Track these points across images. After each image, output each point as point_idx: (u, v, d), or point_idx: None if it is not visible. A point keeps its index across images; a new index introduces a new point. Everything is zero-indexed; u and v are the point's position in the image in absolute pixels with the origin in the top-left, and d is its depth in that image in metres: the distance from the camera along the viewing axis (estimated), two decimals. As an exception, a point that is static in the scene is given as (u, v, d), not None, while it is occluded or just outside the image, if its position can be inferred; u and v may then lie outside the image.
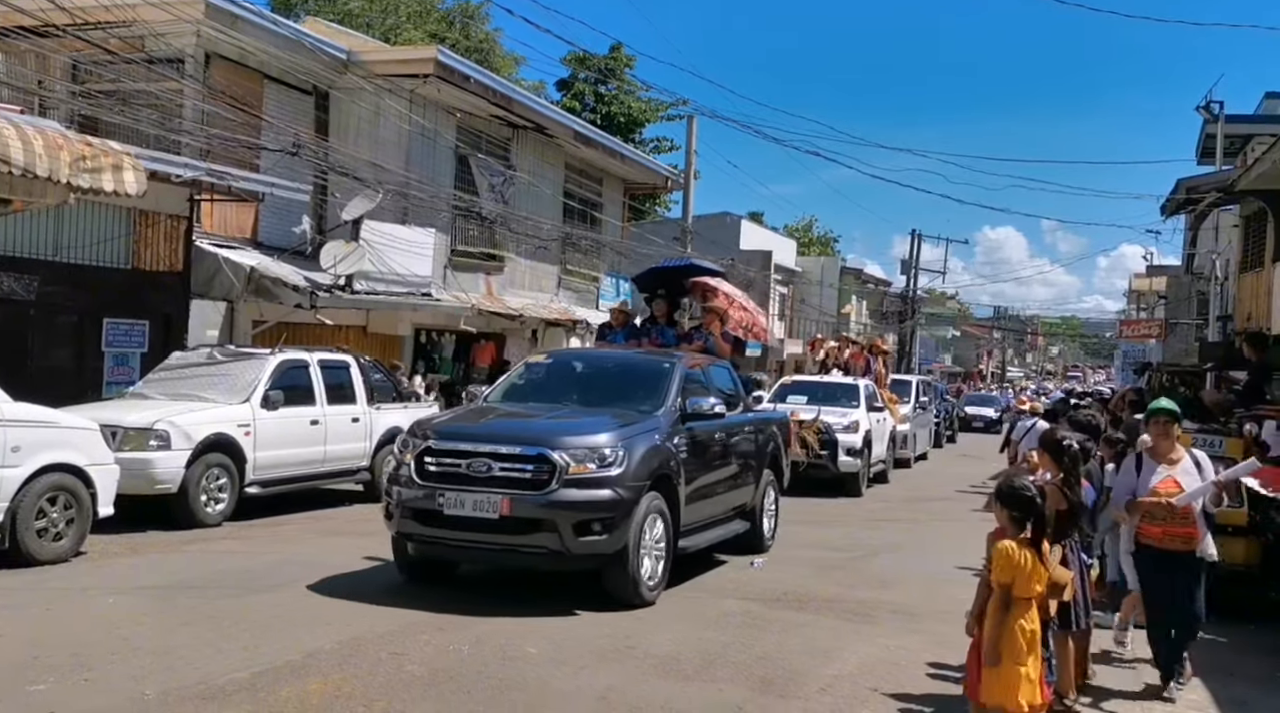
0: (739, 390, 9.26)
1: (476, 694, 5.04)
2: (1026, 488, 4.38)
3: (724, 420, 8.22)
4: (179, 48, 13.34)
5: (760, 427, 9.34)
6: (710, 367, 8.90)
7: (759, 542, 9.17)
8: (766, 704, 5.10)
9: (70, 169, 8.91)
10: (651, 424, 7.33)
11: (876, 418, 15.80)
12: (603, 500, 6.65)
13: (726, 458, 8.40)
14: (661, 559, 7.15)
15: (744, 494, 8.82)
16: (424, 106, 16.87)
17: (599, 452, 6.76)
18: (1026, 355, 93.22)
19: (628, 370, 8.60)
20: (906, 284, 43.50)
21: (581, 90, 35.35)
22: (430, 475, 6.88)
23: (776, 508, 9.66)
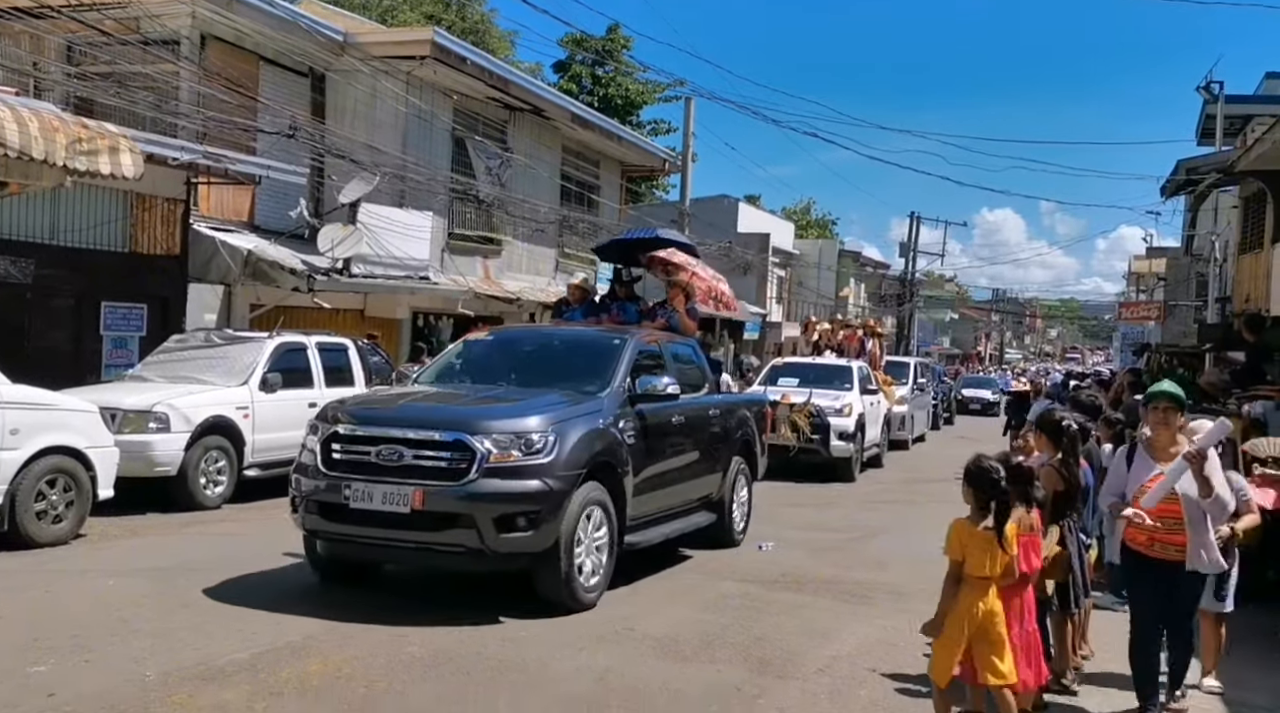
0: (704, 371, 8.66)
1: (476, 675, 5.07)
2: (993, 469, 4.38)
3: (683, 403, 7.62)
4: (174, 29, 13.26)
5: (729, 411, 8.71)
6: (671, 345, 8.23)
7: (727, 535, 8.57)
8: (765, 685, 5.13)
9: (67, 151, 8.87)
10: (593, 407, 6.68)
11: (870, 401, 15.45)
12: (529, 492, 5.97)
13: (686, 445, 7.74)
14: (603, 557, 6.50)
15: (708, 484, 8.22)
16: (420, 88, 16.79)
17: (525, 438, 6.08)
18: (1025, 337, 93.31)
19: (574, 349, 7.89)
20: (905, 266, 43.48)
21: (579, 72, 35.19)
22: (337, 465, 6.18)
23: (750, 499, 9.09)
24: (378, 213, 14.93)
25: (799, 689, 5.10)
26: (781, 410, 13.52)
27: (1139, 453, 4.88)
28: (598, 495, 6.43)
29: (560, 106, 20.59)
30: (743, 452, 8.88)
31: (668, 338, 8.33)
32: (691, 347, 8.68)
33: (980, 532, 4.30)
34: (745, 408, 9.21)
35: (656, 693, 4.95)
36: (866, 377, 15.99)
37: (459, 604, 6.33)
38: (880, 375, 17.47)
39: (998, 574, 4.32)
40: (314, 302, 13.80)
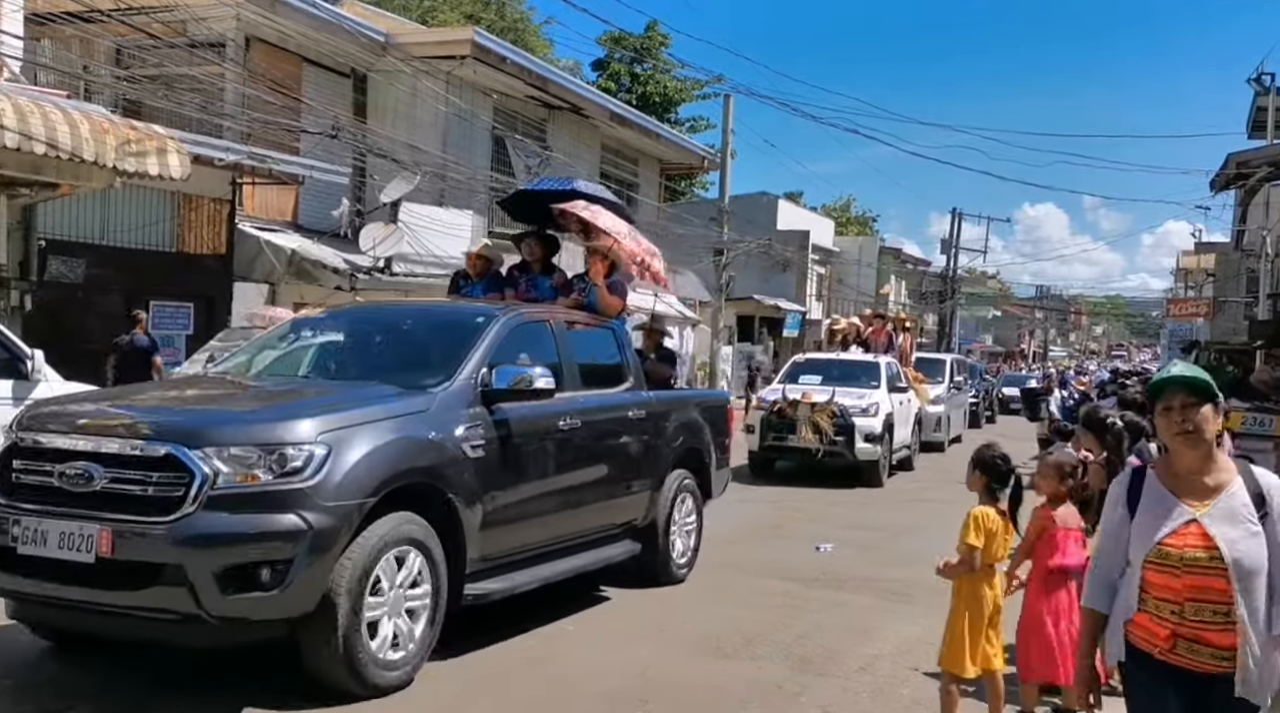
0: (626, 363, 6.79)
1: (515, 670, 5.10)
2: (1004, 457, 4.36)
3: (579, 404, 5.95)
4: (220, 31, 13.50)
5: (664, 413, 6.89)
6: (573, 328, 6.40)
7: (663, 569, 6.87)
8: (806, 683, 5.10)
9: (116, 153, 9.05)
10: (412, 407, 4.91)
11: (900, 400, 14.33)
12: (276, 531, 4.16)
13: (585, 456, 5.98)
14: (419, 619, 4.72)
15: (629, 506, 6.51)
16: (460, 88, 16.92)
17: (278, 452, 4.23)
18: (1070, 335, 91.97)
19: (424, 330, 6.13)
20: (946, 263, 43.03)
21: (617, 70, 35.24)
22: (15, 490, 4.43)
23: (700, 523, 7.39)
24: (418, 212, 15.08)
25: (840, 687, 5.07)
26: (802, 410, 12.91)
27: (1150, 485, 2.82)
28: (410, 532, 4.65)
29: (599, 105, 20.65)
30: (689, 464, 7.19)
31: (573, 319, 6.51)
32: (611, 331, 6.79)
33: (997, 517, 4.28)
34: (693, 409, 7.45)
35: (698, 689, 4.94)
36: (895, 374, 14.98)
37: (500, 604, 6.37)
38: (911, 372, 16.49)
39: (1004, 559, 4.34)
40: (356, 300, 13.98)
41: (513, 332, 5.72)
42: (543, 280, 7.32)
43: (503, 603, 5.42)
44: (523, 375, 5.27)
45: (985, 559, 4.27)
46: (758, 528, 9.78)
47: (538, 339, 5.93)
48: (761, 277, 31.30)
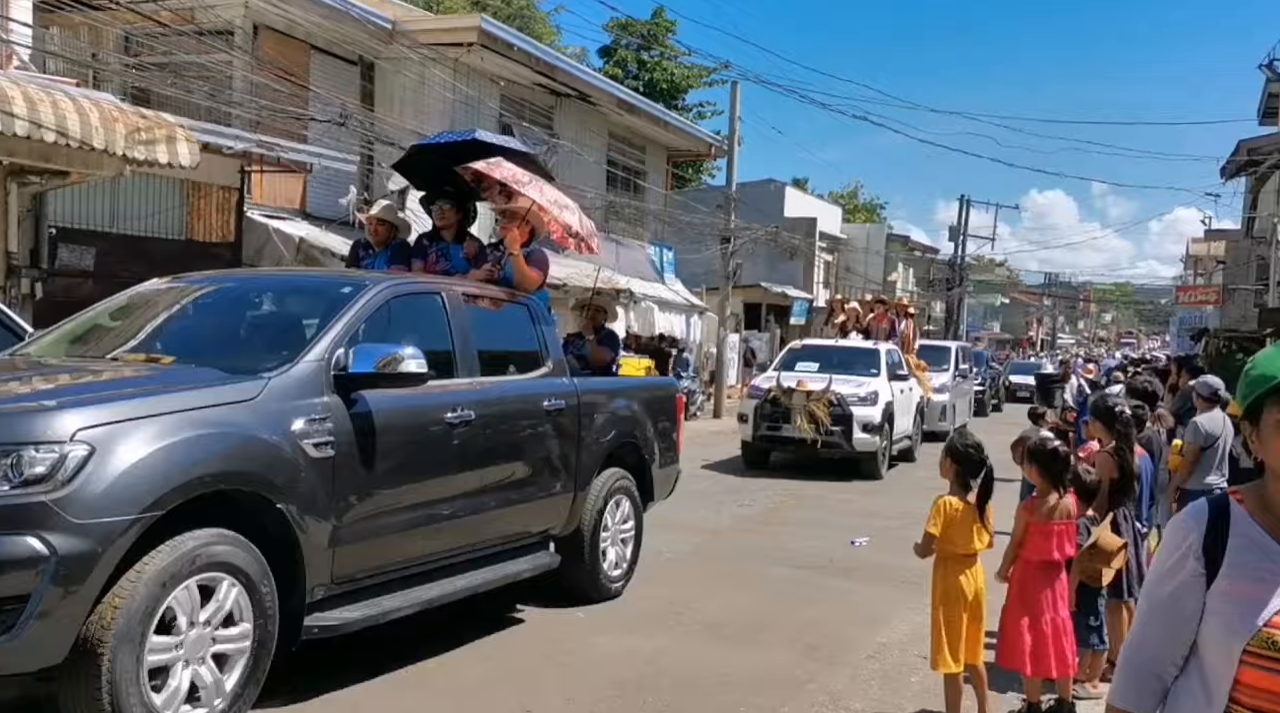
0: (544, 344, 5.89)
1: (526, 655, 5.13)
2: (976, 446, 4.36)
3: (472, 392, 5.06)
4: (228, 19, 13.48)
5: (590, 403, 5.96)
6: (479, 304, 5.52)
7: (590, 583, 6.04)
8: (814, 670, 5.13)
9: (126, 141, 9.06)
10: (232, 395, 3.98)
11: (900, 388, 13.84)
12: (6, 559, 3.27)
13: (481, 455, 5.06)
14: (238, 665, 3.82)
15: (544, 513, 5.63)
16: (468, 75, 16.88)
17: (15, 454, 3.36)
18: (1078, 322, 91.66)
19: (281, 302, 5.25)
20: (954, 250, 42.89)
21: (624, 57, 35.11)
22: None
23: (639, 529, 6.52)
24: (426, 199, 15.07)
25: (849, 675, 5.10)
26: (797, 399, 12.45)
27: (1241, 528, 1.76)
28: (220, 555, 3.74)
29: (606, 92, 20.59)
30: (625, 462, 6.36)
31: (477, 293, 5.60)
32: (526, 308, 5.87)
33: (965, 508, 4.29)
34: (631, 399, 6.52)
35: (706, 677, 4.97)
36: (897, 361, 14.44)
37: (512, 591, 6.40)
38: (913, 360, 15.91)
39: (983, 550, 4.35)
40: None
41: (387, 306, 4.76)
42: (457, 250, 6.41)
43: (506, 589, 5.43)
44: (390, 356, 4.32)
45: (949, 548, 4.26)
46: (762, 517, 9.81)
47: (424, 315, 5.07)
48: (769, 264, 31.23)
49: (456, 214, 6.51)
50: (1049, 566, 4.48)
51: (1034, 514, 4.50)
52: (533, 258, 6.12)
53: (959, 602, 4.25)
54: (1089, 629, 4.75)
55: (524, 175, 6.18)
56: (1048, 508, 4.49)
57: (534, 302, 5.99)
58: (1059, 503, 4.51)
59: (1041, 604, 4.42)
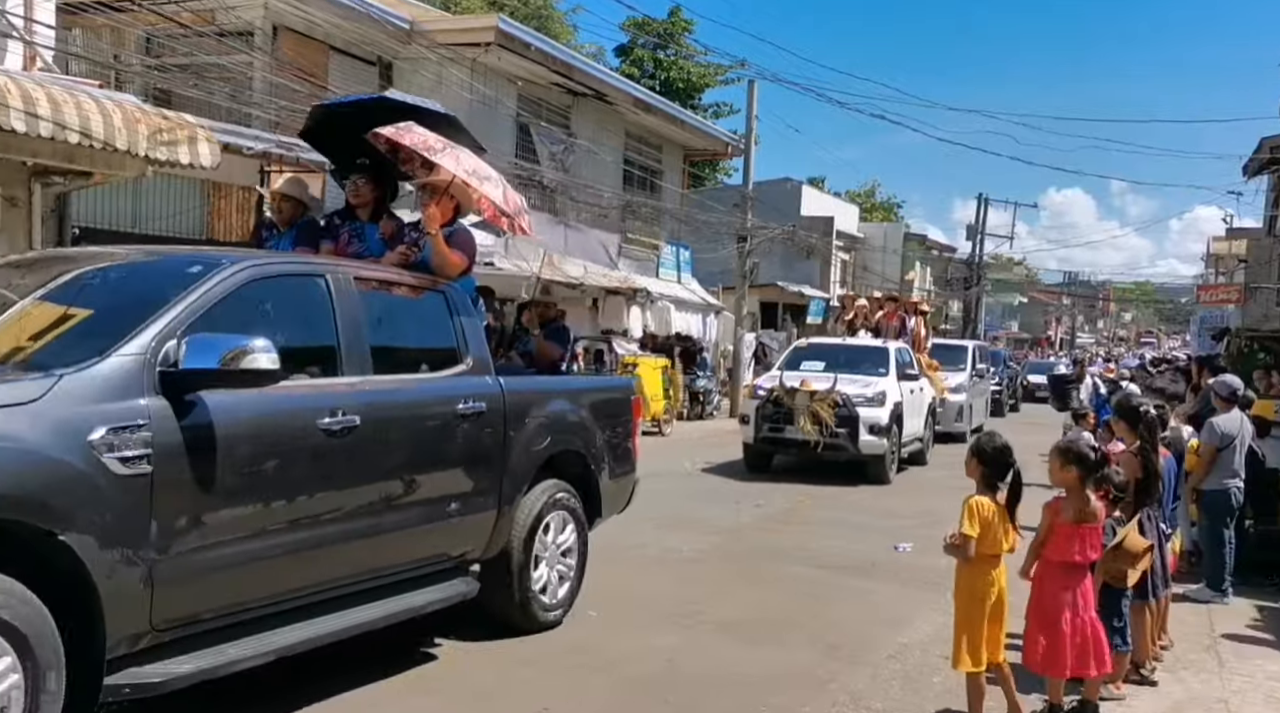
0: (461, 338, 5.07)
1: (542, 656, 5.14)
2: (1004, 448, 4.33)
3: (358, 394, 4.26)
4: (248, 20, 13.56)
5: (519, 405, 5.18)
6: (380, 291, 4.76)
7: (520, 612, 5.30)
8: (835, 670, 5.11)
9: (148, 142, 9.12)
10: (7, 395, 3.20)
11: (910, 388, 13.37)
12: None
13: (369, 467, 4.30)
14: None
15: (458, 533, 4.87)
16: (485, 75, 16.92)
17: None
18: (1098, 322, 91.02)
19: (113, 286, 4.09)
20: (972, 249, 42.67)
21: (640, 56, 35.12)
22: None
23: (582, 551, 5.71)
24: (444, 199, 15.11)
25: (870, 675, 5.08)
26: (800, 399, 11.95)
27: None
28: None
29: (623, 91, 20.59)
30: (565, 473, 5.58)
31: (379, 277, 4.81)
32: (443, 297, 5.08)
33: (995, 509, 4.26)
34: (574, 401, 5.72)
35: (725, 675, 4.97)
36: (907, 361, 13.99)
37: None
38: (925, 359, 15.41)
39: (1009, 551, 4.31)
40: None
41: (244, 290, 3.93)
42: (373, 230, 5.64)
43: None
44: (236, 350, 3.56)
45: (981, 549, 4.24)
46: (781, 516, 9.79)
47: (299, 303, 4.30)
48: (785, 263, 31.16)
49: (373, 189, 5.73)
50: (1070, 567, 4.45)
51: (1061, 515, 4.47)
52: (455, 239, 5.32)
53: (983, 602, 4.23)
54: (1113, 631, 4.72)
55: (437, 141, 5.33)
56: (1076, 509, 4.46)
57: (454, 290, 5.15)
58: (1088, 504, 4.48)
59: (1062, 605, 4.39)
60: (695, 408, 20.12)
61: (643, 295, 20.43)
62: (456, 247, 5.29)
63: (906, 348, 14.50)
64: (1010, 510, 4.30)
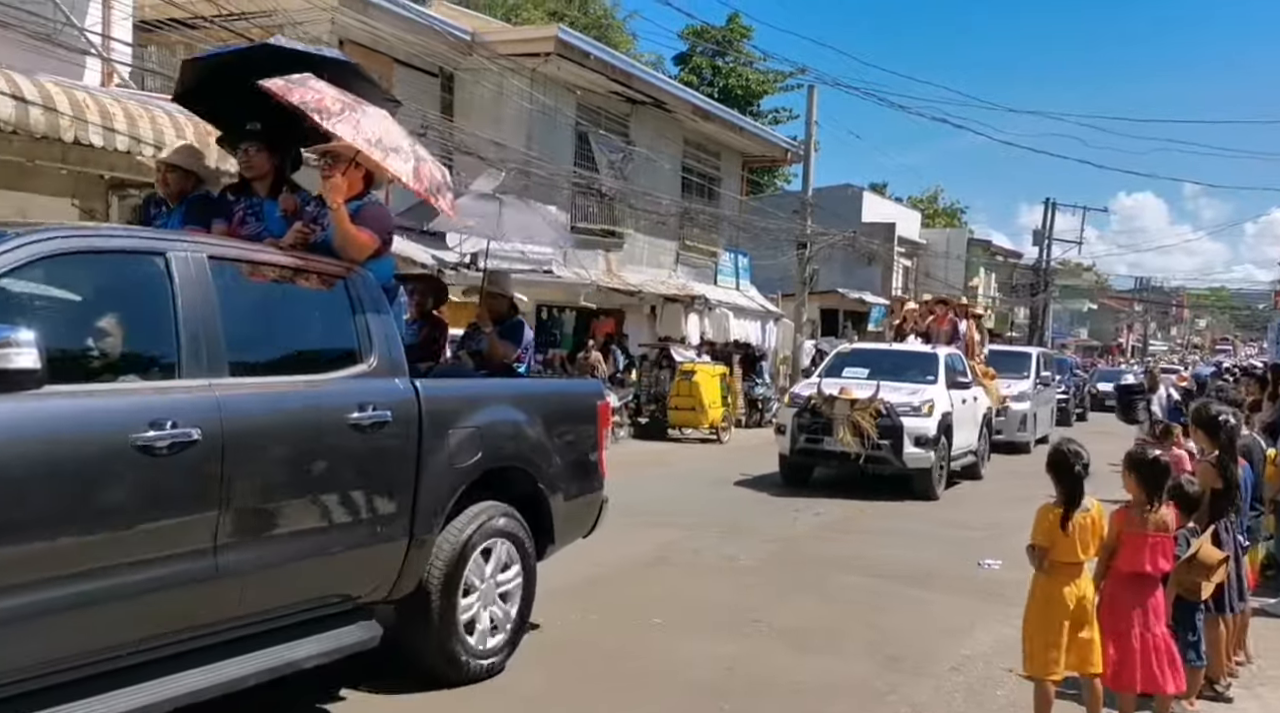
0: (363, 333, 4.22)
1: (605, 662, 5.14)
2: (1072, 454, 4.21)
3: (196, 402, 3.46)
4: (316, 35, 13.87)
5: (441, 412, 4.38)
6: (253, 276, 4.01)
7: (445, 659, 4.48)
8: (896, 682, 5.03)
9: (219, 155, 9.38)
10: None
11: (962, 398, 12.45)
12: None
13: (210, 491, 3.47)
14: None
15: (347, 570, 4.06)
16: (545, 85, 17.10)
17: None
18: (1171, 329, 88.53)
19: None
20: (1039, 255, 41.81)
21: (699, 64, 35.16)
22: None
23: (527, 581, 4.87)
24: (504, 208, 15.27)
25: (932, 687, 4.99)
26: (840, 408, 11.17)
27: None
28: None
29: (682, 99, 20.64)
30: (511, 493, 4.78)
31: (250, 258, 4.02)
32: (343, 283, 4.25)
33: (1059, 516, 4.15)
34: (518, 406, 4.90)
35: (783, 684, 4.93)
36: (959, 367, 13.04)
37: (586, 594, 6.43)
38: (980, 366, 14.47)
39: (1089, 559, 4.19)
40: (444, 295, 14.22)
41: (32, 269, 3.21)
42: (272, 207, 4.79)
43: (579, 598, 5.42)
44: None
45: (1056, 557, 4.13)
46: (839, 525, 9.68)
47: (123, 287, 3.58)
48: (845, 270, 30.89)
49: (269, 158, 4.85)
50: (1141, 579, 4.32)
51: (1128, 524, 4.35)
52: (364, 215, 4.47)
53: (1057, 609, 4.12)
54: (1186, 645, 4.57)
55: (335, 102, 4.36)
56: (1143, 518, 4.34)
57: (360, 276, 4.32)
58: (1155, 514, 4.35)
59: (1131, 618, 4.27)
60: (754, 415, 20.02)
61: (701, 302, 20.42)
62: (365, 223, 4.43)
63: (958, 354, 13.60)
64: (1065, 516, 4.18)
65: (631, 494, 10.95)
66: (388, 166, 4.45)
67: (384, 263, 4.63)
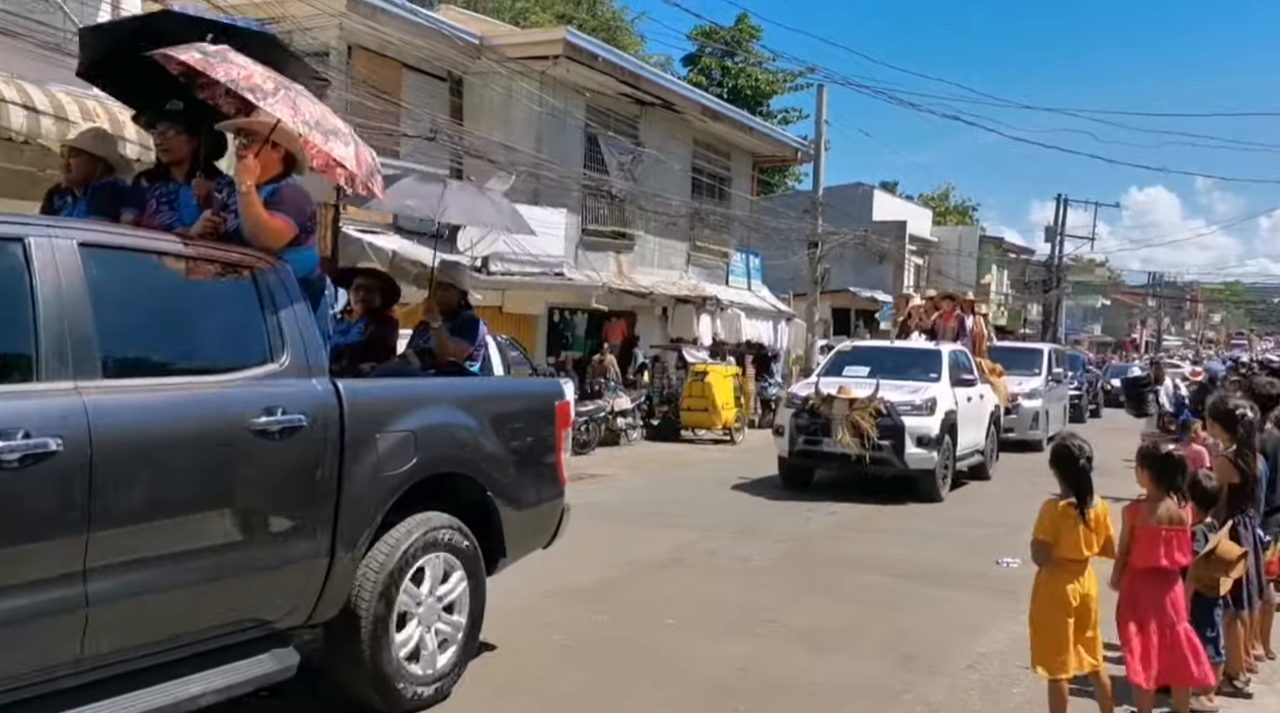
0: (274, 330, 3.83)
1: (619, 663, 5.14)
2: (1076, 447, 4.18)
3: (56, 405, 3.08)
4: (324, 41, 13.94)
5: (368, 416, 3.99)
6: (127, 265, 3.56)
7: (378, 689, 4.05)
8: (911, 680, 5.01)
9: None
10: None
11: (968, 395, 12.08)
12: None
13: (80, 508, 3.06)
14: None
15: (257, 592, 3.64)
16: (554, 87, 17.11)
17: None
18: (1185, 324, 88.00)
19: None
20: (1051, 251, 41.62)
21: (708, 64, 35.15)
22: None
23: (474, 604, 4.47)
24: (514, 211, 15.30)
25: (947, 686, 4.96)
26: (839, 408, 10.83)
27: None
28: None
29: (691, 100, 20.63)
30: (456, 503, 4.38)
31: (132, 246, 3.64)
32: (251, 275, 3.86)
33: (1068, 511, 4.11)
34: (461, 407, 4.48)
35: (799, 683, 4.91)
36: (963, 364, 12.63)
37: (597, 595, 6.43)
38: (987, 362, 14.01)
39: (1094, 555, 4.14)
40: (455, 299, 14.24)
41: None
42: (189, 194, 4.33)
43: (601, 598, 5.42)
44: None
45: (1064, 554, 4.09)
46: (853, 524, 9.64)
47: None
48: (857, 269, 30.82)
49: (189, 142, 4.40)
50: (1157, 573, 4.28)
51: (1140, 518, 4.32)
52: (280, 199, 4.04)
53: (1061, 607, 4.09)
54: (1205, 641, 4.53)
55: (267, 79, 3.96)
56: (1154, 512, 4.30)
57: (275, 268, 3.92)
58: (1166, 507, 4.32)
59: (1149, 613, 4.24)
60: (767, 416, 19.98)
61: (712, 303, 20.39)
62: (279, 209, 4.00)
63: (964, 351, 13.17)
64: (1080, 511, 4.15)
65: (645, 495, 10.99)
66: (330, 151, 4.07)
67: (304, 254, 4.14)
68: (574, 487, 11.38)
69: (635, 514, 9.63)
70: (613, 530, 8.61)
